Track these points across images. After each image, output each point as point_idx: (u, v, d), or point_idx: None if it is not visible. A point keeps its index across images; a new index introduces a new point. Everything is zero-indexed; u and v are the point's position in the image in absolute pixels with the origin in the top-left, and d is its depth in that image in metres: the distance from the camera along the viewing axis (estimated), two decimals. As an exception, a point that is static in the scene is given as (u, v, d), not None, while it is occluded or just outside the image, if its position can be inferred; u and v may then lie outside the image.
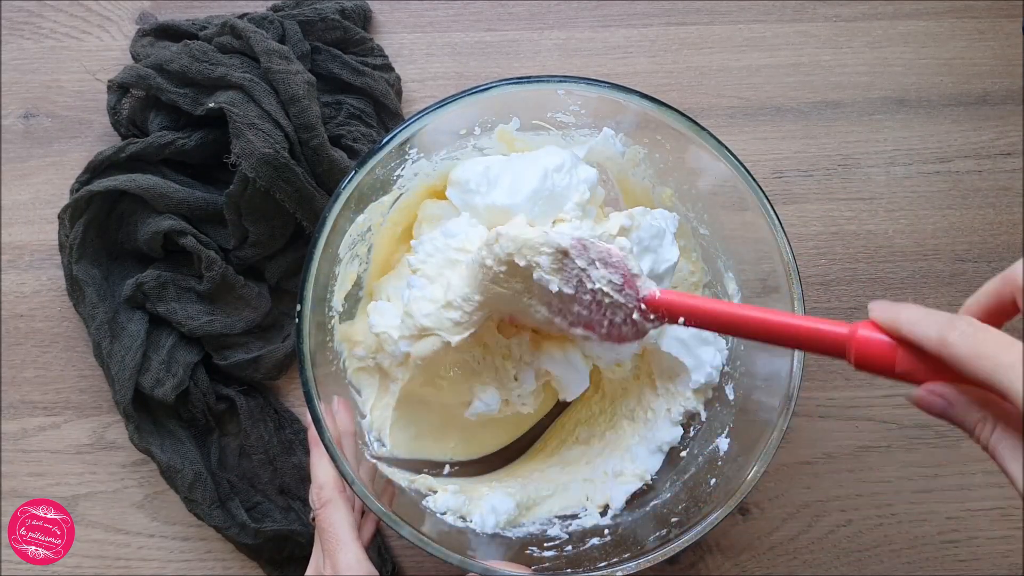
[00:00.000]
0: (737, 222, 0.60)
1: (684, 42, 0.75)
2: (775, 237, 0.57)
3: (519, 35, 0.75)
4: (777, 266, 0.57)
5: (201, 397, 0.68)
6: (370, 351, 0.62)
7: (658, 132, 0.60)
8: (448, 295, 0.56)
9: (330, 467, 0.55)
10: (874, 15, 0.76)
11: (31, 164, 0.73)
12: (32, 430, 0.70)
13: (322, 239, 0.56)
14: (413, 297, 0.57)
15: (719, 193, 0.60)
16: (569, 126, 0.61)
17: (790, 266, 0.57)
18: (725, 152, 0.57)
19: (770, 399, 0.59)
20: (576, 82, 0.57)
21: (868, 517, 0.70)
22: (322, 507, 0.55)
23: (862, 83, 0.74)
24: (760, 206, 0.57)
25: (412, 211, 0.65)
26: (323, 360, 0.59)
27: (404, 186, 0.62)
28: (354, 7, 0.73)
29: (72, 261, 0.68)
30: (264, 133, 0.64)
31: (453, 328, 0.56)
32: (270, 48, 0.67)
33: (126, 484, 0.70)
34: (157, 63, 0.68)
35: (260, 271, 0.70)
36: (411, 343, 0.58)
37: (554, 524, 0.63)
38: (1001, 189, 0.74)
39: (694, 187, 0.62)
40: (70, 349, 0.71)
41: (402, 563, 0.70)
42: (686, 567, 0.70)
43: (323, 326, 0.60)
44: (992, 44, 0.75)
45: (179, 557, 0.69)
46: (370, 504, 0.54)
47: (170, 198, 0.67)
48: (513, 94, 0.58)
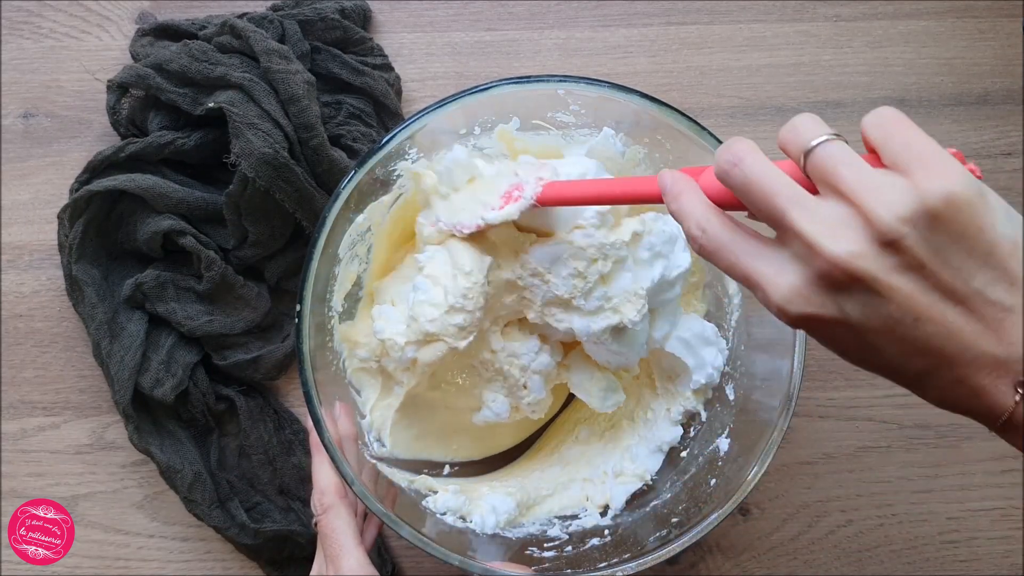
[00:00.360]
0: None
1: (684, 42, 0.75)
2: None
3: (519, 35, 0.75)
4: None
5: (200, 397, 0.68)
6: (374, 354, 0.62)
7: (658, 132, 0.60)
8: (449, 299, 0.56)
9: (331, 472, 0.55)
10: (874, 15, 0.76)
11: (30, 164, 0.73)
12: (32, 430, 0.70)
13: (322, 239, 0.56)
14: (418, 301, 0.57)
15: None
16: (569, 126, 0.61)
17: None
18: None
19: (770, 399, 0.59)
20: (576, 82, 0.57)
21: (868, 517, 0.70)
22: (324, 513, 0.55)
23: (862, 83, 0.74)
24: None
25: (412, 211, 0.65)
26: (323, 360, 0.59)
27: (404, 186, 0.62)
28: (354, 7, 0.73)
29: (71, 261, 0.68)
30: (264, 133, 0.64)
31: (458, 333, 0.56)
32: (270, 48, 0.67)
33: (126, 484, 0.70)
34: (157, 63, 0.68)
35: (260, 271, 0.70)
36: (417, 348, 0.58)
37: (554, 524, 0.63)
38: (1001, 189, 0.74)
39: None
40: (69, 349, 0.71)
41: (402, 563, 0.69)
42: (686, 567, 0.70)
43: (323, 326, 0.60)
44: (992, 44, 0.75)
45: (179, 557, 0.69)
46: (371, 506, 0.54)
47: (169, 198, 0.67)
48: (513, 94, 0.58)
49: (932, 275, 0.35)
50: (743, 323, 0.64)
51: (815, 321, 0.38)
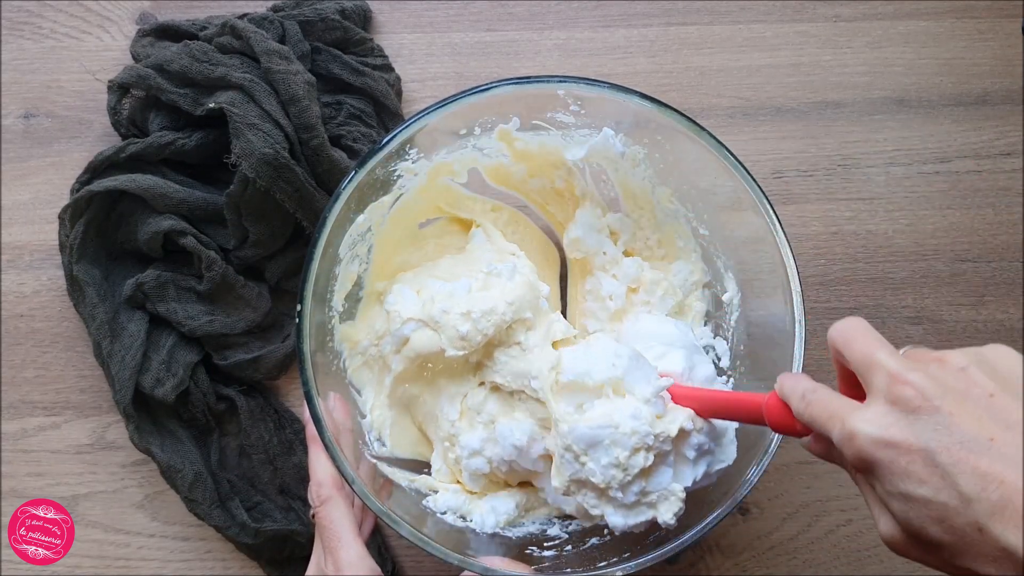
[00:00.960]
0: (737, 222, 0.60)
1: (684, 42, 0.75)
2: (775, 237, 0.57)
3: (519, 35, 0.75)
4: (777, 266, 0.57)
5: (201, 397, 0.68)
6: (374, 338, 0.62)
7: (658, 132, 0.60)
8: (472, 308, 0.57)
9: (328, 464, 0.55)
10: (874, 15, 0.76)
11: (31, 164, 0.73)
12: (32, 430, 0.70)
13: (322, 239, 0.56)
14: (447, 291, 0.58)
15: (719, 193, 0.60)
16: (569, 126, 0.61)
17: (790, 266, 0.57)
18: (725, 152, 0.57)
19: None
20: (576, 82, 0.57)
21: (868, 517, 0.70)
22: (321, 505, 0.55)
23: (862, 83, 0.75)
24: (759, 206, 0.57)
25: (412, 212, 0.65)
26: (323, 360, 0.59)
27: (404, 186, 0.62)
28: (354, 7, 0.73)
29: (72, 261, 0.68)
30: (264, 133, 0.64)
31: (455, 339, 0.57)
32: (270, 48, 0.67)
33: (126, 484, 0.70)
34: (157, 63, 0.68)
35: (260, 271, 0.70)
36: (416, 328, 0.58)
37: (554, 524, 0.63)
38: (1001, 189, 0.74)
39: (694, 187, 0.63)
40: (70, 349, 0.71)
41: (402, 563, 0.70)
42: (686, 567, 0.70)
43: (323, 326, 0.60)
44: (992, 44, 0.75)
45: (179, 557, 0.69)
46: (370, 504, 0.54)
47: (170, 198, 0.67)
48: (513, 94, 0.58)
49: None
50: (743, 323, 0.64)
51: (885, 446, 0.39)
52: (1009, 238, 0.73)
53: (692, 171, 0.61)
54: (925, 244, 0.73)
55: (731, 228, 0.62)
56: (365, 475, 0.57)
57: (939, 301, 0.72)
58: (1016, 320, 0.72)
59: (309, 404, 0.55)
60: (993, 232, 0.73)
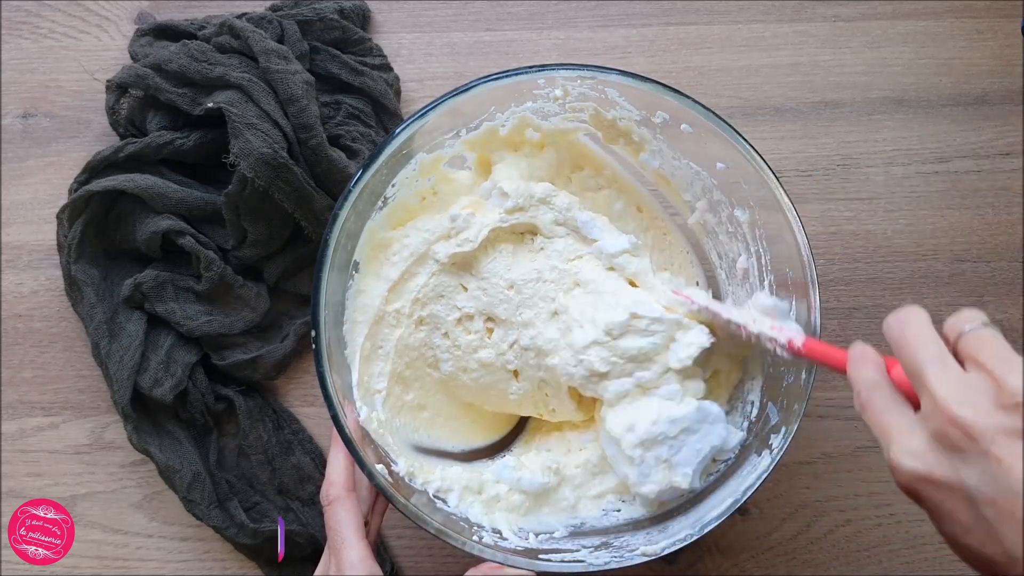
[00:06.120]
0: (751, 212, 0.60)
1: (683, 42, 0.75)
2: (792, 227, 0.58)
3: (518, 35, 0.75)
4: (795, 261, 0.58)
5: (200, 397, 0.68)
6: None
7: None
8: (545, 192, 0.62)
9: (343, 465, 0.56)
10: (873, 15, 0.76)
11: (29, 164, 0.73)
12: (30, 430, 0.70)
13: (330, 250, 0.56)
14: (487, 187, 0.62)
15: (735, 180, 0.61)
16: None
17: (806, 259, 0.57)
18: (740, 140, 0.58)
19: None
20: (555, 69, 0.58)
21: (867, 517, 0.70)
22: (329, 504, 0.56)
23: (861, 83, 0.74)
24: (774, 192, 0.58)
25: (410, 210, 0.65)
26: (339, 360, 0.59)
27: (391, 194, 0.62)
28: (353, 7, 0.73)
29: (71, 261, 0.68)
30: (263, 133, 0.64)
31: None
32: (269, 48, 0.67)
33: (125, 484, 0.70)
34: (156, 63, 0.68)
35: (259, 271, 0.70)
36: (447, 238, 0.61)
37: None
38: (1000, 189, 0.74)
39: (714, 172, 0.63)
40: (68, 349, 0.71)
41: (401, 563, 0.70)
42: (685, 567, 0.70)
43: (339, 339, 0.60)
44: (991, 44, 0.75)
45: (178, 557, 0.69)
46: (395, 502, 0.54)
47: (168, 198, 0.67)
48: (493, 91, 0.58)
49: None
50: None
51: (926, 483, 0.38)
52: (1008, 238, 0.73)
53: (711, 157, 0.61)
54: (924, 244, 0.73)
55: (728, 215, 0.62)
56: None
57: (938, 301, 0.72)
58: (1016, 320, 0.72)
59: (329, 406, 0.55)
60: (992, 232, 0.73)
